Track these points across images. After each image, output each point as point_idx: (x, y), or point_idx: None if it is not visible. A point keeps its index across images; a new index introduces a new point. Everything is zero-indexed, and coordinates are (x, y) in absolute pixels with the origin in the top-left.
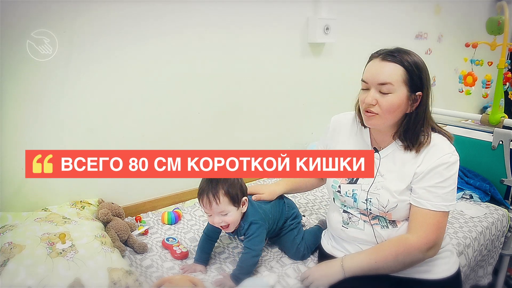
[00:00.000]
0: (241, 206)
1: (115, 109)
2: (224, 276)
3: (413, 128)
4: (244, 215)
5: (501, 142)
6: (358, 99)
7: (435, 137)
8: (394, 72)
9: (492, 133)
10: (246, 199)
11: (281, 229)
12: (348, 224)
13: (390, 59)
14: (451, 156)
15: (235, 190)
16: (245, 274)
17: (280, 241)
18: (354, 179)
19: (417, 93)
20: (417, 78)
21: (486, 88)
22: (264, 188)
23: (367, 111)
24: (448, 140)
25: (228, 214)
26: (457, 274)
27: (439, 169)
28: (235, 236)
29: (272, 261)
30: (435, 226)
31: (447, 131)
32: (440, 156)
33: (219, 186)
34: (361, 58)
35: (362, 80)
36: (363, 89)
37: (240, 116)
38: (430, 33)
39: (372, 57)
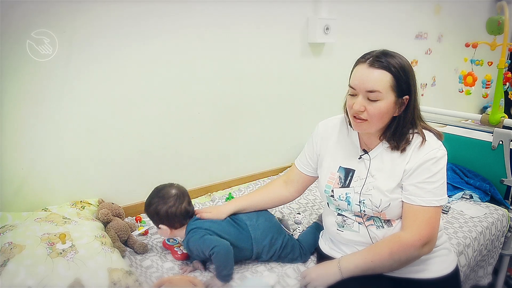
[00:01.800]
0: (159, 228)
1: (115, 109)
2: (212, 277)
3: (401, 130)
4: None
5: (501, 142)
6: (345, 102)
7: (421, 133)
8: (382, 79)
9: (492, 133)
10: (161, 227)
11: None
12: (343, 227)
13: (377, 65)
14: (438, 151)
15: (149, 214)
16: (226, 269)
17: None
18: (347, 182)
19: (404, 97)
20: (404, 83)
21: (486, 88)
22: (212, 208)
23: (355, 117)
24: (436, 136)
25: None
26: (455, 272)
27: (427, 164)
28: (201, 263)
29: (272, 261)
30: (427, 221)
31: (435, 129)
32: (427, 152)
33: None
34: None
35: (350, 86)
36: (350, 94)
37: (240, 116)
38: (430, 33)
39: (358, 62)
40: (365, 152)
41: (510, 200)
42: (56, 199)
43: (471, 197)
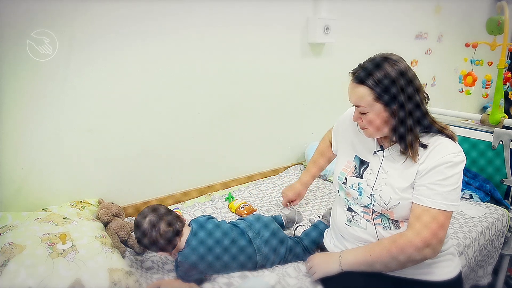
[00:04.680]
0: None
1: (114, 109)
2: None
3: (401, 136)
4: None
5: (501, 142)
6: None
7: (439, 137)
8: (363, 94)
9: (492, 133)
10: (159, 253)
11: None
12: (351, 222)
13: (357, 81)
14: (455, 156)
15: (140, 243)
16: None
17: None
18: (360, 173)
19: (394, 106)
20: (387, 94)
21: (486, 88)
22: (292, 192)
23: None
24: (453, 140)
25: None
26: (459, 277)
27: (441, 167)
28: None
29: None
30: (432, 224)
31: (449, 130)
32: (444, 155)
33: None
34: (361, 58)
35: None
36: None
37: (240, 116)
38: (430, 33)
39: (350, 76)
40: (382, 148)
41: (510, 200)
42: (56, 199)
43: (471, 197)
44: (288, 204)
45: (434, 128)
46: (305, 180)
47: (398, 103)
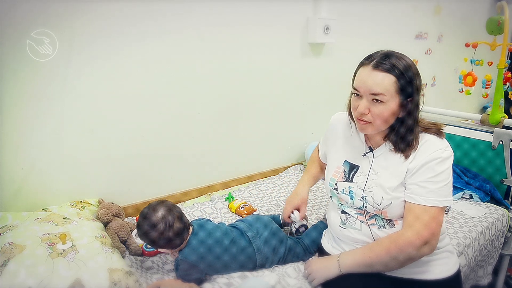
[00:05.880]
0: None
1: (115, 109)
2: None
3: (404, 133)
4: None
5: (501, 142)
6: (349, 102)
7: (425, 134)
8: (386, 82)
9: (492, 133)
10: (161, 250)
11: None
12: (345, 224)
13: (381, 67)
14: (443, 152)
15: (144, 241)
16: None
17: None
18: (350, 177)
19: (408, 99)
20: (408, 85)
21: (486, 88)
22: (293, 202)
23: (359, 119)
24: (439, 136)
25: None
26: (457, 275)
27: (431, 164)
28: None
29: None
30: (427, 221)
31: (436, 127)
32: (432, 152)
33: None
34: (361, 58)
35: (354, 88)
36: (354, 96)
37: (240, 116)
38: (430, 33)
39: (362, 64)
40: (371, 150)
41: (510, 200)
42: (56, 199)
43: (471, 197)
44: (291, 215)
45: (419, 127)
46: (301, 183)
47: (414, 96)
